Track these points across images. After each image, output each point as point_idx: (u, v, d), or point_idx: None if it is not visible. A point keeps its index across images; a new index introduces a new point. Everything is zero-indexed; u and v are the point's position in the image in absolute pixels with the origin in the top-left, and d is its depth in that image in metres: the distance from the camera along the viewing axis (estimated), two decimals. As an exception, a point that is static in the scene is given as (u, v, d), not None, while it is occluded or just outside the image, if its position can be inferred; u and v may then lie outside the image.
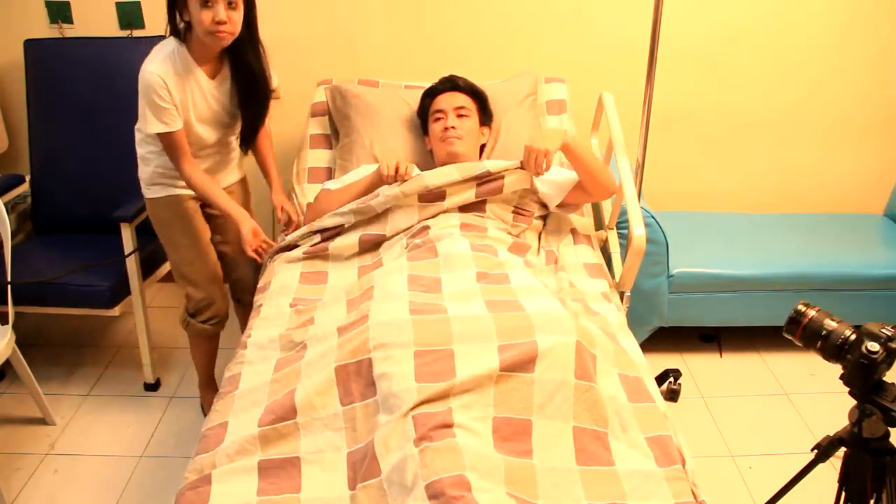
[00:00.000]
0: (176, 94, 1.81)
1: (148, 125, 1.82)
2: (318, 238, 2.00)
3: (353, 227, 1.98)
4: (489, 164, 1.96)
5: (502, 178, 1.94)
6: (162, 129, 1.82)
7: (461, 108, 2.12)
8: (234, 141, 2.07)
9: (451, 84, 2.19)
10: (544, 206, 2.08)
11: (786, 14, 2.69)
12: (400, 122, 2.31)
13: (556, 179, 2.04)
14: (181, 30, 1.82)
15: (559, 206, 2.06)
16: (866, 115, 2.86)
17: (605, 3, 2.66)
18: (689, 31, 2.69)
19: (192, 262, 2.06)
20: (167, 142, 1.85)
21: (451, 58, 2.72)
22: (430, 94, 2.21)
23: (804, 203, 3.01)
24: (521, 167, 1.95)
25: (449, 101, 2.14)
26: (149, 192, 2.02)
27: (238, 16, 1.78)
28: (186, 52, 1.83)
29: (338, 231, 1.99)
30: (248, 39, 1.87)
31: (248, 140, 2.05)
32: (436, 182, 1.91)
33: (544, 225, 2.12)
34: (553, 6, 2.67)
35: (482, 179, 1.94)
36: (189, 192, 1.99)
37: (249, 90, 1.94)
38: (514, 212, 2.00)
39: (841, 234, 2.72)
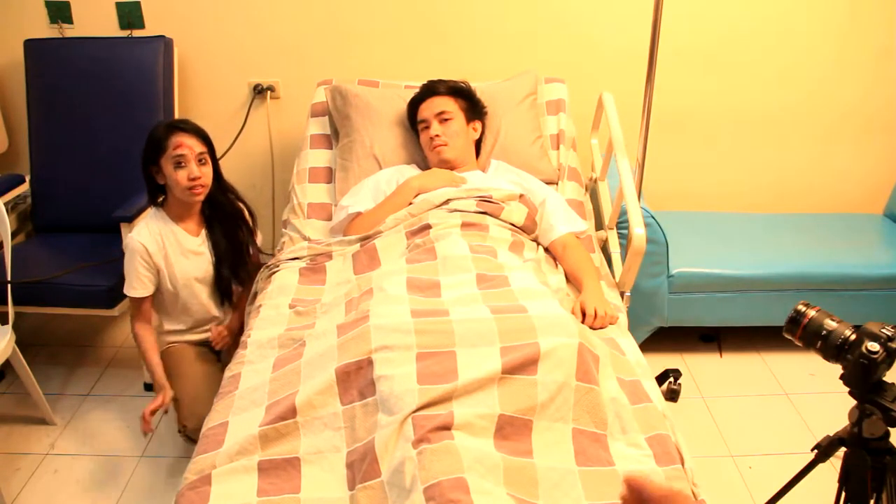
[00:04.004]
0: (157, 256, 1.94)
1: (126, 287, 1.96)
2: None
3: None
4: (494, 193, 1.98)
5: (502, 207, 1.96)
6: (132, 293, 1.95)
7: (442, 112, 2.13)
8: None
9: (429, 90, 2.19)
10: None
11: (785, 14, 2.69)
12: (400, 122, 2.31)
13: (563, 215, 2.03)
14: (158, 199, 1.97)
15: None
16: (866, 115, 2.86)
17: (605, 3, 2.66)
18: (689, 31, 2.69)
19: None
20: (134, 303, 1.99)
21: (451, 58, 2.72)
22: (413, 104, 2.22)
23: (804, 203, 3.01)
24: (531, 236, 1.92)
25: (429, 108, 2.15)
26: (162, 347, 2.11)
27: (209, 171, 1.92)
28: (165, 215, 1.97)
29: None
30: (220, 190, 2.00)
31: (225, 294, 2.06)
32: (440, 199, 1.96)
33: None
34: (553, 6, 2.67)
35: (483, 198, 1.96)
36: (188, 338, 2.07)
37: (225, 237, 2.03)
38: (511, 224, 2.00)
39: (841, 234, 2.72)
